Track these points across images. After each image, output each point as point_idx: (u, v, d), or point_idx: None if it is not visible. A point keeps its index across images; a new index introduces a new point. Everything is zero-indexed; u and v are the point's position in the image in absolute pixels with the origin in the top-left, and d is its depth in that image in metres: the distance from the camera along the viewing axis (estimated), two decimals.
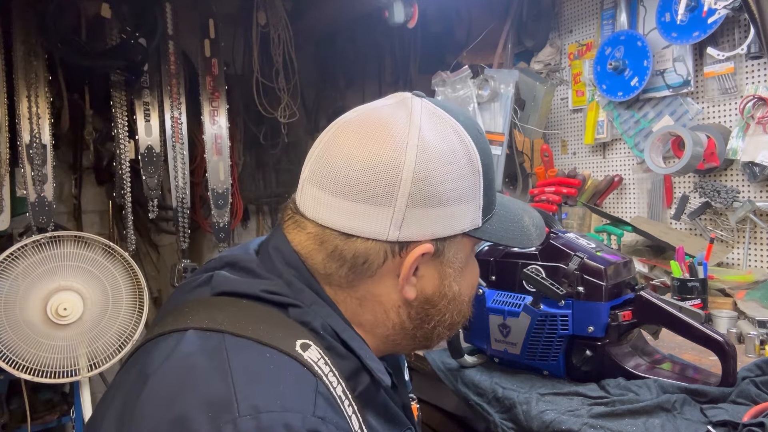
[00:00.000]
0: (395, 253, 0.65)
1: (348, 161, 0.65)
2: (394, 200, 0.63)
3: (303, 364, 0.57)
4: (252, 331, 0.59)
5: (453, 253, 0.69)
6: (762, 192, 1.71)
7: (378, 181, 0.63)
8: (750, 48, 1.66)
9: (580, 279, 1.07)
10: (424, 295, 0.69)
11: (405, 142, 0.64)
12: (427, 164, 0.64)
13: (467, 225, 0.68)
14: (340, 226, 0.65)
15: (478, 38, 2.50)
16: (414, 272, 0.67)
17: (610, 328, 1.06)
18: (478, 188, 0.68)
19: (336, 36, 2.96)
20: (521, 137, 2.36)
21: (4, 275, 1.76)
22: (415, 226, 0.65)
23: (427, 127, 0.66)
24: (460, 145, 0.67)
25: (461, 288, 0.72)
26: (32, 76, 2.01)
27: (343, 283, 0.67)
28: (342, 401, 0.58)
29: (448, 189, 0.65)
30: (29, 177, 1.98)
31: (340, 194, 0.65)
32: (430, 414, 1.58)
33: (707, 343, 1.02)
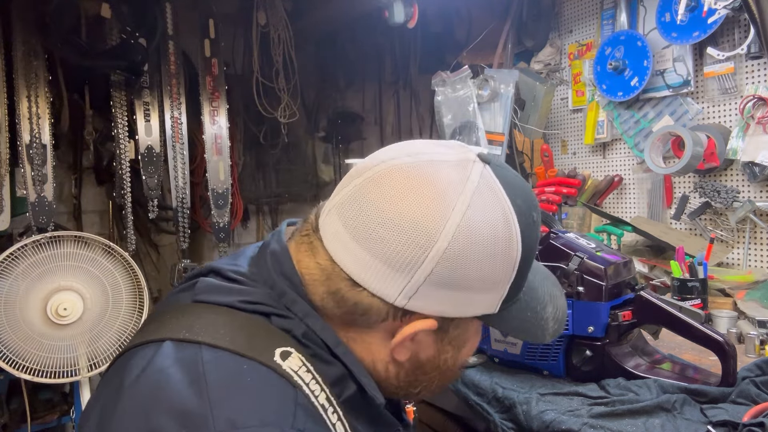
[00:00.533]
0: (396, 317, 0.62)
1: (381, 213, 0.59)
2: (413, 272, 0.59)
3: (282, 374, 0.55)
4: (230, 341, 0.57)
5: (458, 333, 0.66)
6: (762, 192, 1.71)
7: (403, 249, 0.58)
8: (750, 48, 1.66)
9: (580, 279, 1.07)
10: (417, 360, 0.66)
11: (448, 216, 0.58)
12: (462, 247, 0.59)
13: (481, 311, 0.64)
14: (351, 272, 0.61)
15: (478, 38, 2.50)
16: (412, 338, 0.64)
17: (610, 328, 1.06)
18: (508, 281, 0.63)
19: (336, 36, 2.95)
20: (521, 137, 2.36)
21: (4, 275, 1.76)
22: (425, 301, 0.61)
23: (477, 204, 0.60)
24: (504, 234, 0.61)
25: (456, 362, 0.69)
26: (32, 76, 2.01)
27: (337, 324, 0.64)
28: (325, 409, 0.56)
29: (473, 278, 0.60)
30: (29, 177, 1.98)
31: (362, 243, 0.60)
32: (430, 414, 1.58)
33: (707, 343, 1.02)
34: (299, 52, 2.58)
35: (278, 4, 2.49)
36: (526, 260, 0.64)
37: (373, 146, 3.33)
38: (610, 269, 1.06)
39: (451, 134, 2.26)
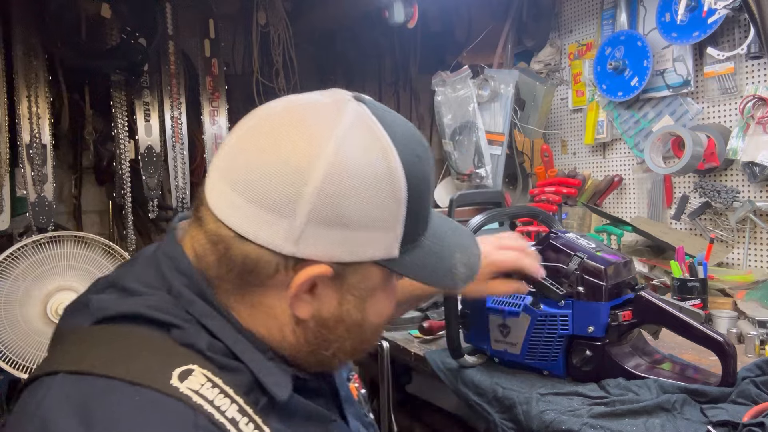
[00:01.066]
0: (288, 268, 0.59)
1: (255, 159, 0.59)
2: (293, 212, 0.57)
3: (179, 398, 0.53)
4: (123, 369, 0.54)
5: (357, 280, 0.63)
6: (762, 192, 1.71)
7: (280, 189, 0.57)
8: (750, 48, 1.66)
9: (580, 279, 1.07)
10: (320, 317, 0.63)
11: (320, 153, 0.58)
12: (339, 182, 0.57)
13: (378, 254, 0.61)
14: (237, 226, 0.59)
15: (478, 38, 2.50)
16: (311, 291, 0.61)
17: (610, 328, 1.06)
18: (398, 219, 0.61)
19: (336, 36, 2.95)
20: (521, 137, 2.36)
21: (4, 275, 1.76)
22: (314, 245, 0.58)
23: (352, 140, 0.59)
24: (386, 172, 0.60)
25: (364, 316, 0.65)
26: (32, 76, 2.01)
27: (234, 289, 0.62)
28: (236, 422, 0.54)
29: (357, 214, 0.58)
30: (29, 177, 1.98)
31: (240, 191, 0.59)
32: (430, 414, 1.58)
33: (707, 343, 1.02)
34: (299, 52, 2.58)
35: (278, 4, 2.49)
36: (416, 197, 0.62)
37: None
38: (610, 269, 1.06)
39: (451, 134, 2.26)
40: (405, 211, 0.61)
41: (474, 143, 2.19)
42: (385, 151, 0.60)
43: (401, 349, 1.42)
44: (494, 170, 2.19)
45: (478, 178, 2.20)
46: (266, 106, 0.64)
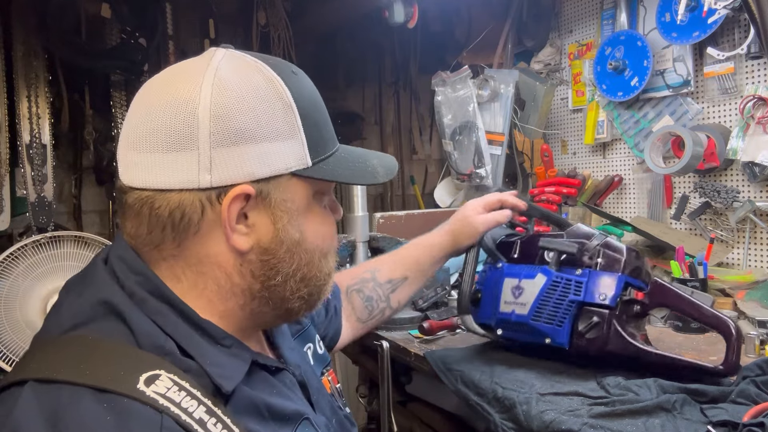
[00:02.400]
0: (212, 201, 0.61)
1: (147, 111, 0.62)
2: (195, 142, 0.60)
3: (145, 402, 0.53)
4: (91, 376, 0.55)
5: (282, 195, 0.65)
6: (762, 192, 1.71)
7: (175, 125, 0.60)
8: (750, 48, 1.66)
9: (600, 252, 1.11)
10: (260, 246, 0.65)
11: (200, 82, 0.61)
12: (225, 100, 0.61)
13: (292, 164, 0.64)
14: (151, 182, 0.61)
15: (478, 38, 2.50)
16: (244, 221, 0.64)
17: (621, 302, 1.08)
18: (295, 125, 0.64)
19: (336, 36, 2.95)
20: (521, 137, 2.37)
21: (4, 275, 1.76)
22: (226, 168, 0.61)
23: (226, 68, 0.64)
24: (265, 81, 0.64)
25: (303, 235, 0.67)
26: (32, 76, 2.01)
27: (175, 251, 0.63)
28: (203, 423, 0.55)
29: (252, 124, 0.61)
30: (29, 177, 1.98)
31: (144, 148, 0.61)
32: (430, 414, 1.58)
33: (717, 324, 1.04)
34: (299, 52, 2.58)
35: (278, 4, 2.49)
36: (308, 106, 0.66)
37: (373, 146, 3.34)
38: (629, 251, 1.11)
39: (451, 134, 2.26)
40: (300, 118, 0.65)
41: (474, 143, 2.19)
42: (259, 68, 0.65)
43: (401, 349, 1.42)
44: (494, 170, 2.20)
45: (478, 178, 2.20)
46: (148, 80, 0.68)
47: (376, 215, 1.94)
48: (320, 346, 0.93)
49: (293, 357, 0.79)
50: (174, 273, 0.65)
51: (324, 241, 0.71)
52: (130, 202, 0.63)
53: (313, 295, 0.72)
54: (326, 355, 0.93)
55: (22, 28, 1.99)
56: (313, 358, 0.89)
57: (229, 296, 0.66)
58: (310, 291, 0.71)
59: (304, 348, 0.88)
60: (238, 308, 0.67)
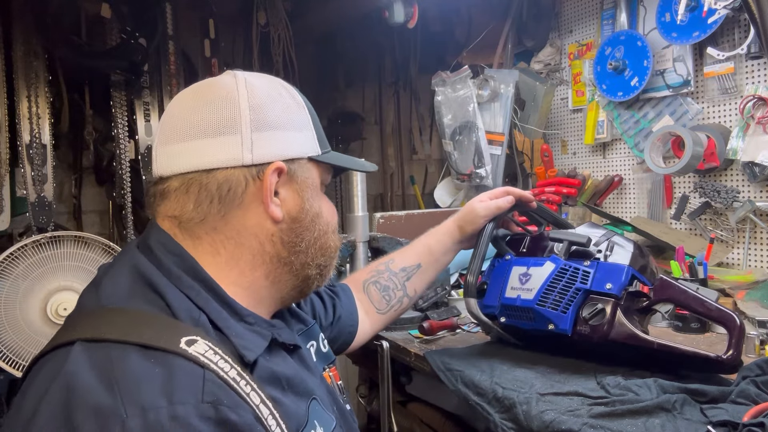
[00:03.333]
0: (254, 177, 0.74)
1: (190, 109, 0.75)
2: (239, 127, 0.73)
3: (188, 358, 0.59)
4: (136, 335, 0.60)
5: (304, 175, 0.79)
6: (762, 192, 1.71)
7: (221, 114, 0.73)
8: (750, 48, 1.66)
9: (609, 246, 1.13)
10: (290, 215, 0.78)
11: (235, 86, 0.76)
12: (257, 96, 0.75)
13: (308, 150, 0.80)
14: (198, 164, 0.72)
15: (478, 38, 2.50)
16: (276, 195, 0.76)
17: (626, 293, 1.09)
18: (308, 121, 0.81)
19: (336, 36, 2.95)
20: (521, 137, 2.37)
21: (4, 275, 1.76)
22: (264, 148, 0.74)
23: (251, 77, 0.78)
24: (282, 87, 0.81)
25: (320, 210, 0.82)
26: (32, 76, 2.01)
27: (219, 222, 0.74)
28: (237, 382, 0.60)
29: (280, 116, 0.77)
30: (29, 177, 1.98)
31: (190, 137, 0.73)
32: (430, 414, 1.58)
33: (721, 317, 1.04)
34: (299, 52, 2.58)
35: (278, 4, 2.49)
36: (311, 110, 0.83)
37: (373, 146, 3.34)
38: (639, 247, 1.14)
39: (451, 134, 2.26)
40: (310, 116, 0.82)
41: (474, 143, 2.19)
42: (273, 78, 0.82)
43: (401, 349, 1.42)
44: (494, 170, 2.20)
45: (478, 178, 2.20)
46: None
47: (376, 215, 1.94)
48: (324, 345, 0.97)
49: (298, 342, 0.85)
50: (214, 247, 0.74)
51: (333, 218, 0.86)
52: (176, 185, 0.74)
53: (325, 267, 0.84)
54: (330, 354, 0.98)
55: (22, 28, 1.99)
56: (316, 356, 0.93)
57: (259, 264, 0.77)
58: (326, 261, 0.84)
59: (307, 345, 0.92)
60: (263, 277, 0.77)
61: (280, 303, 0.84)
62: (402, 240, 1.61)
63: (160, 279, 0.68)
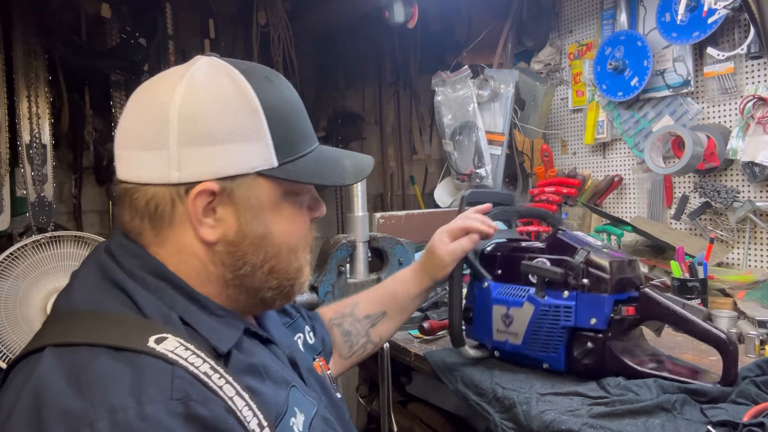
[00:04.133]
0: (181, 196, 0.67)
1: (131, 112, 0.71)
2: (166, 142, 0.66)
3: (156, 356, 0.58)
4: (105, 337, 0.60)
5: (248, 194, 0.70)
6: (762, 192, 1.71)
7: (148, 125, 0.67)
8: (750, 48, 1.66)
9: (585, 272, 1.08)
10: (226, 238, 0.70)
11: (174, 86, 0.68)
12: (192, 103, 0.67)
13: (257, 164, 0.69)
14: (132, 176, 0.69)
15: (478, 38, 2.50)
16: (213, 215, 0.69)
17: (612, 322, 1.07)
18: (262, 128, 0.69)
19: (336, 36, 2.95)
20: (521, 137, 2.36)
21: (4, 275, 1.76)
22: (193, 166, 0.67)
23: (201, 72, 0.70)
24: (233, 86, 0.69)
25: (269, 230, 0.72)
26: (32, 76, 2.01)
27: (156, 239, 0.70)
28: (210, 376, 0.59)
29: (218, 127, 0.67)
30: (29, 177, 1.98)
31: (125, 146, 0.70)
32: (430, 414, 1.58)
33: (709, 339, 1.02)
34: (299, 52, 2.58)
35: (278, 4, 2.49)
36: (277, 111, 0.71)
37: (373, 146, 3.33)
38: (615, 264, 1.07)
39: (451, 134, 2.26)
40: (266, 121, 0.70)
41: (474, 143, 2.19)
42: (230, 73, 0.70)
43: (401, 349, 1.42)
44: (494, 170, 2.20)
45: (478, 178, 2.20)
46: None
47: (376, 215, 1.94)
48: (310, 337, 0.98)
49: (281, 337, 0.84)
50: (160, 258, 0.70)
51: (292, 238, 0.76)
52: (118, 192, 0.71)
53: (285, 287, 0.77)
54: (317, 345, 0.98)
55: (22, 28, 1.99)
56: (304, 347, 0.94)
57: (208, 283, 0.72)
58: (281, 283, 0.76)
59: (294, 337, 0.93)
60: (217, 294, 0.73)
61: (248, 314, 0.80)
62: (402, 240, 1.61)
63: (126, 281, 0.67)
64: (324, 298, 1.49)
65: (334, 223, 3.26)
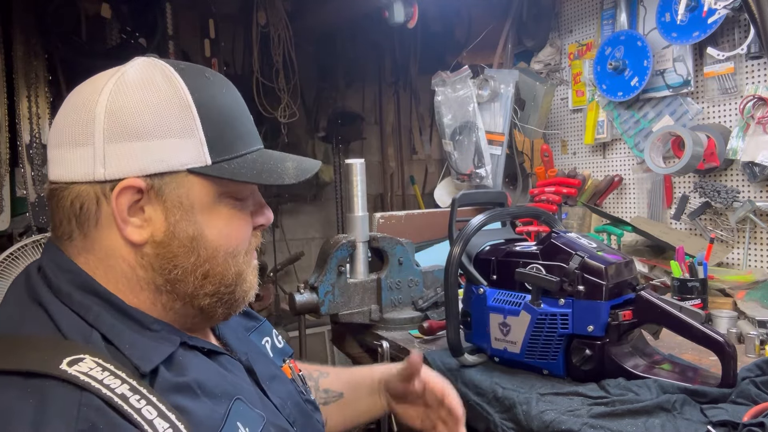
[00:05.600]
0: (107, 194, 0.65)
1: (62, 111, 0.68)
2: (92, 137, 0.64)
3: (67, 380, 0.55)
4: (17, 362, 0.57)
5: (178, 193, 0.67)
6: (762, 192, 1.71)
7: (75, 122, 0.65)
8: (750, 48, 1.66)
9: (580, 278, 1.07)
10: (154, 239, 0.67)
11: (104, 83, 0.66)
12: (120, 98, 0.65)
13: (187, 161, 0.66)
14: (59, 175, 0.66)
15: (478, 38, 2.50)
16: (141, 214, 0.66)
17: (610, 327, 1.06)
18: (193, 125, 0.67)
19: (336, 36, 2.96)
20: (521, 137, 2.36)
21: (4, 275, 1.76)
22: (118, 162, 0.64)
23: (133, 71, 0.68)
24: (165, 83, 0.67)
25: (201, 232, 0.69)
26: (32, 76, 2.01)
27: (84, 242, 0.67)
28: (127, 398, 0.56)
29: (145, 122, 0.65)
30: (29, 177, 1.98)
31: (55, 144, 0.67)
32: None
33: (707, 343, 1.02)
34: (299, 52, 2.59)
35: (278, 4, 2.49)
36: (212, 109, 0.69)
37: (373, 146, 3.34)
38: (610, 268, 1.06)
39: (451, 134, 2.26)
40: (199, 118, 0.67)
41: (474, 143, 2.19)
42: (164, 71, 0.68)
43: (401, 349, 1.42)
44: (494, 170, 2.20)
45: (478, 178, 2.20)
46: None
47: (376, 215, 1.94)
48: (278, 340, 0.95)
49: (239, 345, 0.81)
50: (90, 267, 0.67)
51: (229, 241, 0.72)
52: (47, 194, 0.69)
53: (224, 295, 0.73)
54: (286, 348, 0.95)
55: (22, 28, 1.99)
56: (272, 351, 0.91)
57: (139, 289, 0.68)
58: (217, 289, 0.72)
59: (261, 341, 0.90)
60: (150, 302, 0.69)
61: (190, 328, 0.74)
62: (402, 240, 1.61)
63: (50, 299, 0.64)
64: (324, 298, 1.49)
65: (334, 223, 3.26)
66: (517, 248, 1.19)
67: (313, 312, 1.50)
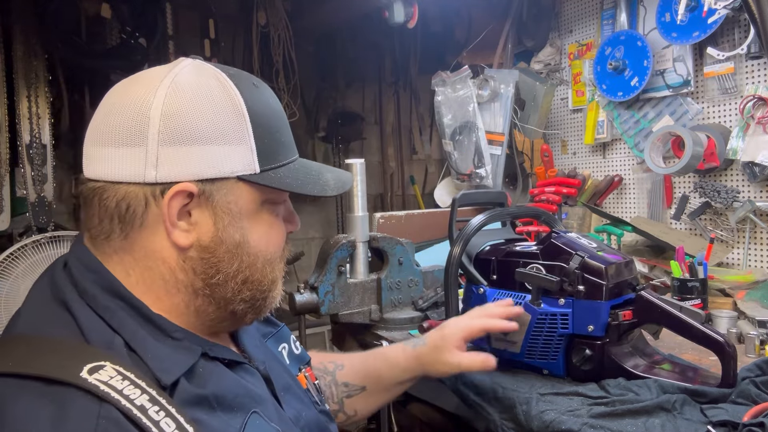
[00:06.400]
0: (156, 196, 0.64)
1: (109, 109, 0.67)
2: (145, 139, 0.63)
3: (87, 389, 0.55)
4: (37, 366, 0.57)
5: (227, 199, 0.67)
6: (762, 192, 1.71)
7: (128, 122, 0.64)
8: (750, 48, 1.66)
9: (580, 278, 1.07)
10: (200, 244, 0.67)
11: (157, 85, 0.65)
12: (177, 101, 0.64)
13: (238, 169, 0.67)
14: (103, 174, 0.65)
15: (478, 38, 2.50)
16: (187, 218, 0.66)
17: (610, 327, 1.06)
18: (245, 132, 0.67)
19: (336, 36, 2.96)
20: (521, 137, 2.36)
21: (5, 275, 1.76)
22: (172, 165, 0.64)
23: (185, 74, 0.67)
24: (219, 88, 0.67)
25: (246, 238, 0.70)
26: (32, 76, 2.01)
27: (123, 243, 0.66)
28: (146, 410, 0.55)
29: (201, 127, 0.65)
30: (29, 177, 1.98)
31: (100, 142, 0.66)
32: (430, 414, 1.58)
33: (707, 343, 1.02)
34: (299, 52, 2.59)
35: (278, 4, 2.49)
36: (262, 116, 0.70)
37: (373, 146, 3.34)
38: (611, 268, 1.06)
39: (451, 134, 2.26)
40: (251, 126, 0.68)
41: (474, 143, 2.19)
42: (217, 76, 0.68)
43: None
44: (494, 170, 2.20)
45: (478, 178, 2.20)
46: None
47: (376, 215, 1.94)
48: (296, 347, 0.94)
49: (257, 353, 0.81)
50: (124, 267, 0.67)
51: (268, 247, 0.73)
52: (85, 192, 0.67)
53: (258, 300, 0.73)
54: (304, 355, 0.94)
55: (22, 28, 1.99)
56: (289, 358, 0.90)
57: (175, 292, 0.68)
58: (254, 295, 0.72)
59: (278, 348, 0.90)
60: (183, 306, 0.69)
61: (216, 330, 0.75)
62: (402, 240, 1.61)
63: (74, 300, 0.63)
64: (324, 298, 1.49)
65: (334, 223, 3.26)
66: (517, 248, 1.19)
67: (313, 312, 1.50)
